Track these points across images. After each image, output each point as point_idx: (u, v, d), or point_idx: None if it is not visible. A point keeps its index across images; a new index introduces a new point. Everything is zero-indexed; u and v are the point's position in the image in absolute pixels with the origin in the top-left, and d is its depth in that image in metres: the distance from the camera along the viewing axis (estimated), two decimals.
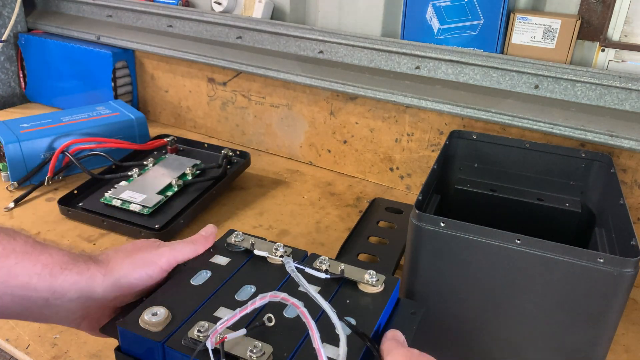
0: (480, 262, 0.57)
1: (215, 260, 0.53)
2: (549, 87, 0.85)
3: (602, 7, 0.81)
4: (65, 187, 0.99)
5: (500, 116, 0.87)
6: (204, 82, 1.23)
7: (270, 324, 0.43)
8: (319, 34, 1.02)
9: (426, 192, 0.69)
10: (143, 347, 0.43)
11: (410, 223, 0.59)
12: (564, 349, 0.57)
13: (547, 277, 0.55)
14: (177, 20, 1.19)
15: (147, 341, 0.42)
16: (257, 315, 0.45)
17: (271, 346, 0.41)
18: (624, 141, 0.79)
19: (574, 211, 0.75)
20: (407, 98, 0.95)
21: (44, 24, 1.38)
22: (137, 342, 0.43)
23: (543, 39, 0.85)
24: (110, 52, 1.25)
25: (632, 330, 0.72)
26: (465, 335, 0.61)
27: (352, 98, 1.05)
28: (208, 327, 0.42)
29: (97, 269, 0.48)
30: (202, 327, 0.42)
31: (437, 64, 0.93)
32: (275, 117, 1.16)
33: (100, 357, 0.64)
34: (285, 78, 1.06)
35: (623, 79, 0.79)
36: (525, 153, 0.80)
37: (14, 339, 0.66)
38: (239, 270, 0.52)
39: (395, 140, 1.03)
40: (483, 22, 0.88)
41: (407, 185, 1.05)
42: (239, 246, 0.55)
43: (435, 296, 0.61)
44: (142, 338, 0.43)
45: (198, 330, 0.42)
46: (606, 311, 0.54)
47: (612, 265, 0.51)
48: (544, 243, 0.53)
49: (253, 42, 1.11)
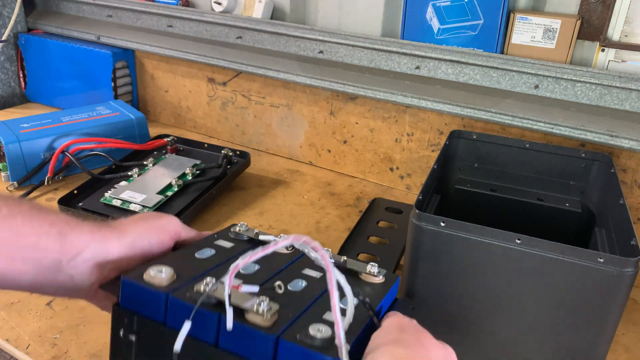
0: (480, 262, 0.57)
1: (219, 243, 0.52)
2: (549, 87, 0.85)
3: (602, 7, 0.81)
4: (65, 187, 0.99)
5: (500, 116, 0.87)
6: (204, 82, 1.23)
7: (280, 292, 0.43)
8: (319, 34, 1.02)
9: (426, 192, 0.69)
10: (145, 299, 0.42)
11: (411, 223, 0.59)
12: (564, 349, 0.57)
13: (547, 277, 0.55)
14: (177, 20, 1.19)
15: (151, 292, 0.41)
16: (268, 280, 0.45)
17: (278, 305, 0.40)
18: (624, 141, 0.79)
19: (574, 211, 0.75)
20: (407, 98, 0.95)
21: (44, 24, 1.38)
22: (140, 294, 0.42)
23: (543, 39, 0.85)
24: (110, 52, 1.25)
25: (633, 330, 0.72)
26: (465, 335, 0.61)
27: (352, 98, 1.05)
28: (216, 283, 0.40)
29: (109, 231, 0.47)
30: (209, 282, 0.40)
31: (437, 64, 0.93)
32: (275, 117, 1.16)
33: (101, 357, 0.64)
34: (285, 78, 1.06)
35: (623, 79, 0.79)
36: (525, 153, 0.80)
37: (14, 339, 0.66)
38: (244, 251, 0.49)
39: (395, 140, 1.03)
40: (483, 22, 0.88)
41: (407, 185, 1.05)
42: (242, 235, 0.54)
43: (435, 296, 0.61)
44: (146, 289, 0.41)
45: (205, 284, 0.40)
46: (606, 311, 0.54)
47: (612, 265, 0.51)
48: (544, 243, 0.53)
49: (253, 42, 1.11)
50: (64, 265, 0.44)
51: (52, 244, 0.44)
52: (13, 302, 0.72)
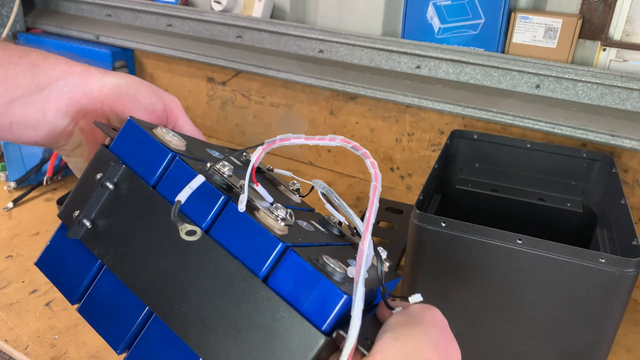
0: (481, 262, 0.56)
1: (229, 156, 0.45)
2: (550, 87, 0.85)
3: (604, 7, 0.81)
4: (64, 187, 0.99)
5: (501, 116, 0.87)
6: (203, 81, 1.23)
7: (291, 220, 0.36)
8: (319, 33, 1.02)
9: (427, 192, 0.69)
10: (144, 153, 0.36)
11: (411, 223, 0.58)
12: (565, 350, 0.57)
13: (548, 278, 0.54)
14: (177, 19, 1.19)
15: (157, 147, 0.35)
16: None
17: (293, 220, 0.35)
18: (625, 141, 0.79)
19: (575, 211, 0.74)
20: (407, 98, 0.94)
21: (42, 23, 1.37)
22: (142, 144, 0.36)
23: (544, 39, 0.84)
24: (110, 52, 1.25)
25: (634, 331, 0.72)
26: (466, 336, 0.61)
27: (352, 98, 1.04)
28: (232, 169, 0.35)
29: (93, 67, 0.42)
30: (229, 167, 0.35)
31: (438, 64, 0.93)
32: (275, 116, 1.16)
33: (100, 358, 0.63)
34: (285, 77, 1.06)
35: (624, 78, 0.79)
36: (526, 153, 0.80)
37: (13, 340, 0.65)
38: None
39: (395, 140, 1.03)
40: (484, 21, 0.88)
41: (408, 185, 1.05)
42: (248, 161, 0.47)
43: (436, 296, 0.60)
44: (152, 141, 0.36)
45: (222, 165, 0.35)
46: (607, 312, 0.54)
47: (614, 265, 0.51)
48: (545, 243, 0.53)
49: (253, 41, 1.10)
50: (35, 97, 0.39)
51: (22, 76, 0.39)
52: (12, 303, 0.71)
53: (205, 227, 0.34)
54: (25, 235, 0.87)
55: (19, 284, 0.76)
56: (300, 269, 0.31)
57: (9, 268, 0.79)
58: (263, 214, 0.34)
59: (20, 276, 0.77)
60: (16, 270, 0.79)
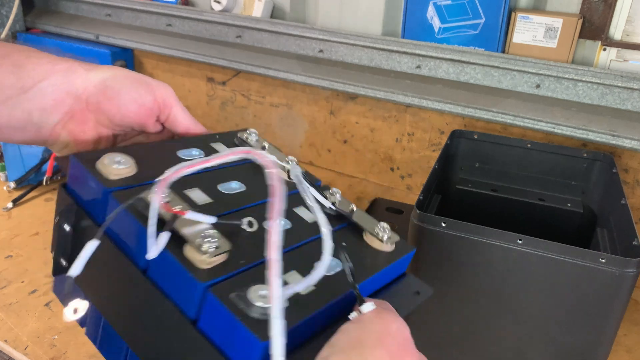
0: (481, 262, 0.56)
1: (215, 146, 0.43)
2: (550, 87, 0.85)
3: (604, 6, 0.81)
4: None
5: (501, 116, 0.87)
6: (203, 81, 1.23)
7: (251, 229, 0.34)
8: (319, 33, 1.02)
9: (427, 192, 0.69)
10: (89, 190, 0.35)
11: (412, 223, 0.58)
12: (565, 350, 0.57)
13: (548, 278, 0.54)
14: (176, 19, 1.18)
15: (94, 184, 0.34)
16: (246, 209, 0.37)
17: (231, 245, 0.31)
18: (625, 141, 0.79)
19: (576, 211, 0.74)
20: (407, 97, 0.94)
21: (42, 23, 1.37)
22: (85, 181, 0.35)
23: (544, 38, 0.84)
24: (109, 52, 1.25)
25: (634, 331, 0.72)
26: (466, 336, 0.61)
27: (352, 97, 1.04)
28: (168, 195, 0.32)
29: (77, 64, 0.41)
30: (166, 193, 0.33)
31: (438, 63, 0.93)
32: (275, 116, 1.16)
33: (99, 358, 0.63)
34: (285, 77, 1.06)
35: (625, 78, 0.79)
36: (526, 153, 0.80)
37: (13, 340, 0.65)
38: (236, 165, 0.41)
39: (395, 140, 1.03)
40: (484, 21, 0.88)
41: (408, 185, 1.05)
42: (248, 144, 0.46)
43: (436, 296, 0.60)
44: (90, 178, 0.34)
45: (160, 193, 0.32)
46: (608, 312, 0.54)
47: (614, 265, 0.51)
48: (546, 243, 0.53)
49: (253, 41, 1.10)
50: (20, 99, 0.38)
51: (6, 77, 0.38)
52: (11, 303, 0.71)
53: (142, 268, 0.32)
54: (25, 235, 0.87)
55: (19, 284, 0.76)
56: (218, 313, 0.29)
57: (9, 268, 0.79)
58: (189, 248, 0.31)
59: (20, 276, 0.77)
60: (16, 270, 0.78)
